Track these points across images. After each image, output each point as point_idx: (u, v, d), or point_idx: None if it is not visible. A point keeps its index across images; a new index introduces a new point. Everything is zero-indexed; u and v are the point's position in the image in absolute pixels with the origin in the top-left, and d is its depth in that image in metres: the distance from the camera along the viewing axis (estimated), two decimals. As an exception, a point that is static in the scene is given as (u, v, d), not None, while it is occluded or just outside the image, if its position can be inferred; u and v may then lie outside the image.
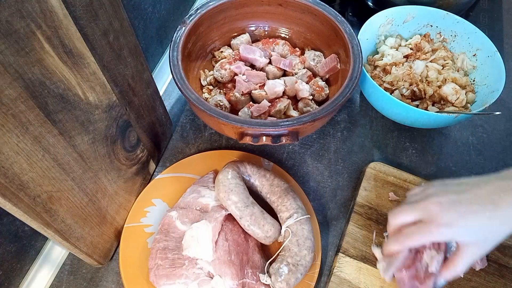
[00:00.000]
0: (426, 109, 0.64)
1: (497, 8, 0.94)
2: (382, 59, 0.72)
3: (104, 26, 0.41)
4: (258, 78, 0.65)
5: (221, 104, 0.62)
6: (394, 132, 0.71)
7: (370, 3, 0.88)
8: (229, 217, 0.54)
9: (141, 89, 0.54)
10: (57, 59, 0.36)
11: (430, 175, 0.66)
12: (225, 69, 0.66)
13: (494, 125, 0.73)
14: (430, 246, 0.51)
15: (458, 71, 0.71)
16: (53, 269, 0.55)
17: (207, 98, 0.66)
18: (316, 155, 0.68)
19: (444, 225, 0.44)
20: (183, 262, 0.51)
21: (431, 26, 0.75)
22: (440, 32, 0.75)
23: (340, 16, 0.66)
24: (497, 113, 0.59)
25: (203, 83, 0.68)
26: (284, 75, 0.69)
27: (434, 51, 0.73)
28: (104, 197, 0.50)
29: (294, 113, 0.64)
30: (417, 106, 0.65)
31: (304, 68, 0.69)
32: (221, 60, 0.68)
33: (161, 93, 0.75)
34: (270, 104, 0.62)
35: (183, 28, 0.62)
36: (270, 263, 0.52)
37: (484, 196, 0.45)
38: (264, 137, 0.53)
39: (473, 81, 0.69)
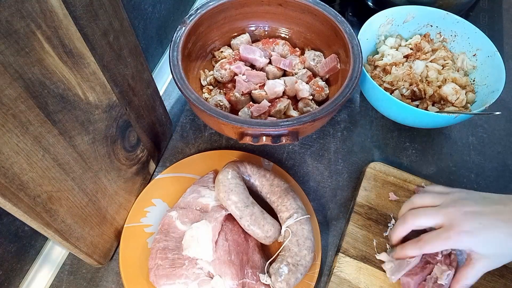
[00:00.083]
0: (426, 109, 0.64)
1: (497, 8, 0.94)
2: (382, 59, 0.71)
3: (104, 26, 0.41)
4: (258, 78, 0.65)
5: (221, 104, 0.62)
6: (394, 132, 0.71)
7: (370, 3, 0.88)
8: (229, 217, 0.54)
9: (141, 89, 0.54)
10: (57, 59, 0.36)
11: (430, 175, 0.66)
12: (225, 69, 0.66)
13: (494, 125, 0.73)
14: (441, 261, 0.51)
15: (458, 71, 0.71)
16: (53, 269, 0.55)
17: (207, 98, 0.66)
18: (316, 155, 0.68)
19: (465, 233, 0.44)
20: (183, 262, 0.51)
21: (431, 26, 0.75)
22: (440, 32, 0.75)
23: (340, 16, 0.66)
24: (497, 113, 0.59)
25: (203, 83, 0.68)
26: (284, 75, 0.69)
27: (434, 51, 0.73)
28: (104, 197, 0.50)
29: (294, 113, 0.64)
30: (417, 106, 0.65)
31: (304, 68, 0.69)
32: (221, 60, 0.68)
33: (161, 93, 0.75)
34: (270, 104, 0.62)
35: (183, 28, 0.62)
36: (270, 263, 0.52)
37: (508, 213, 0.45)
38: (264, 137, 0.53)
39: (473, 81, 0.69)
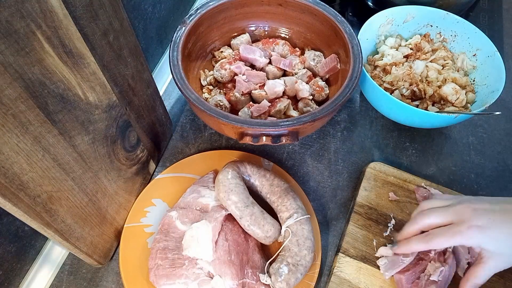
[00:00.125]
0: (426, 109, 0.64)
1: (497, 8, 0.94)
2: (382, 59, 0.71)
3: (104, 26, 0.41)
4: (258, 78, 0.65)
5: (221, 104, 0.62)
6: (394, 132, 0.71)
7: (370, 3, 0.88)
8: (229, 217, 0.54)
9: (141, 89, 0.54)
10: (57, 59, 0.36)
11: (430, 175, 0.66)
12: (225, 69, 0.66)
13: (494, 125, 0.73)
14: (435, 258, 0.51)
15: (458, 71, 0.71)
16: (53, 269, 0.55)
17: (207, 98, 0.66)
18: (316, 155, 0.68)
19: (476, 228, 0.44)
20: (183, 262, 0.51)
21: (431, 26, 0.75)
22: (440, 32, 0.75)
23: (340, 16, 0.66)
24: (497, 113, 0.59)
25: (203, 83, 0.68)
26: (284, 75, 0.69)
27: (434, 51, 0.73)
28: (104, 197, 0.50)
29: (294, 113, 0.64)
30: (417, 106, 0.65)
31: (304, 68, 0.69)
32: (221, 60, 0.68)
33: (161, 93, 0.75)
34: (270, 104, 0.62)
35: (183, 28, 0.62)
36: (270, 263, 0.52)
37: None
38: (264, 137, 0.53)
39: (473, 81, 0.69)
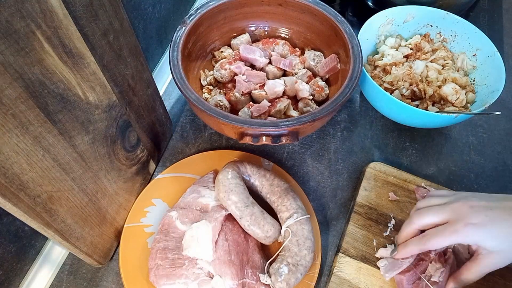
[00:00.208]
0: (426, 109, 0.64)
1: (497, 8, 0.94)
2: (382, 59, 0.71)
3: (104, 26, 0.41)
4: (258, 78, 0.65)
5: (221, 104, 0.62)
6: (394, 132, 0.71)
7: (370, 3, 0.88)
8: (229, 217, 0.54)
9: (141, 89, 0.54)
10: (57, 59, 0.36)
11: (430, 175, 0.66)
12: (225, 69, 0.66)
13: (494, 125, 0.73)
14: (436, 259, 0.51)
15: (458, 71, 0.71)
16: (53, 269, 0.55)
17: (207, 98, 0.66)
18: (316, 155, 0.68)
19: (472, 225, 0.43)
20: (183, 262, 0.51)
21: (431, 26, 0.75)
22: (440, 32, 0.75)
23: (340, 16, 0.66)
24: (497, 113, 0.59)
25: (203, 83, 0.68)
26: (284, 75, 0.69)
27: (434, 51, 0.73)
28: (104, 197, 0.50)
29: (294, 113, 0.64)
30: (417, 106, 0.65)
31: (304, 68, 0.69)
32: (221, 60, 0.68)
33: (161, 93, 0.75)
34: (270, 104, 0.62)
35: (183, 28, 0.62)
36: (270, 263, 0.52)
37: None
38: (264, 137, 0.53)
39: (473, 81, 0.69)
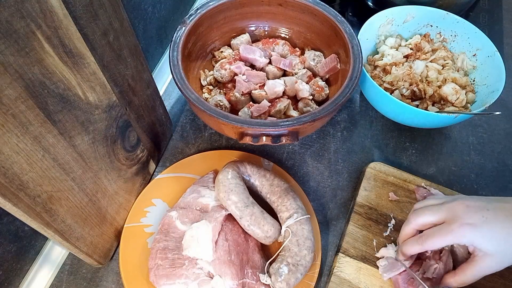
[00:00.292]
0: (426, 109, 0.64)
1: (497, 8, 0.94)
2: (382, 59, 0.71)
3: (104, 26, 0.41)
4: (258, 78, 0.65)
5: (221, 104, 0.62)
6: (394, 132, 0.71)
7: (370, 3, 0.88)
8: (229, 217, 0.54)
9: (141, 89, 0.54)
10: (57, 59, 0.36)
11: (430, 175, 0.66)
12: (225, 69, 0.66)
13: (494, 125, 0.73)
14: (430, 257, 0.51)
15: (458, 71, 0.71)
16: (53, 269, 0.55)
17: (207, 98, 0.66)
18: (316, 155, 0.68)
19: (468, 225, 0.43)
20: (183, 262, 0.51)
21: (431, 26, 0.75)
22: (440, 32, 0.75)
23: (340, 16, 0.66)
24: (497, 113, 0.59)
25: (203, 83, 0.68)
26: (284, 75, 0.69)
27: (434, 51, 0.73)
28: (104, 197, 0.50)
29: (294, 113, 0.64)
30: (417, 106, 0.65)
31: (304, 68, 0.69)
32: (221, 60, 0.68)
33: (161, 93, 0.75)
34: (270, 104, 0.62)
35: (183, 28, 0.62)
36: (270, 263, 0.52)
37: (511, 209, 0.43)
38: (264, 137, 0.53)
39: (473, 81, 0.69)
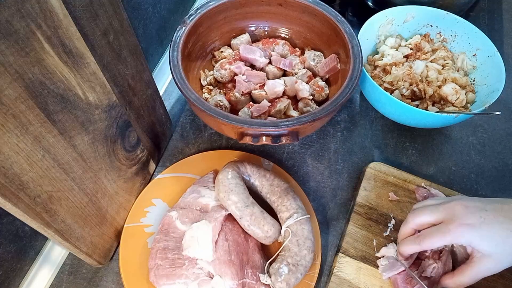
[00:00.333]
0: (426, 109, 0.64)
1: (497, 8, 0.94)
2: (382, 59, 0.71)
3: (104, 26, 0.41)
4: (258, 78, 0.65)
5: (221, 104, 0.62)
6: (394, 132, 0.71)
7: (370, 3, 0.88)
8: (229, 217, 0.54)
9: (141, 89, 0.54)
10: (57, 59, 0.36)
11: (430, 175, 0.66)
12: (225, 69, 0.66)
13: (494, 125, 0.73)
14: (429, 256, 0.51)
15: (458, 71, 0.71)
16: (53, 269, 0.55)
17: (207, 98, 0.66)
18: (316, 155, 0.68)
19: (466, 226, 0.43)
20: (183, 262, 0.51)
21: (431, 26, 0.75)
22: (440, 32, 0.75)
23: (340, 16, 0.66)
24: (497, 113, 0.59)
25: (203, 83, 0.68)
26: (284, 75, 0.69)
27: (434, 51, 0.73)
28: (104, 197, 0.50)
29: (294, 113, 0.64)
30: (417, 106, 0.65)
31: (304, 68, 0.69)
32: (221, 60, 0.68)
33: (161, 93, 0.75)
34: (270, 104, 0.62)
35: (183, 28, 0.62)
36: (270, 263, 0.52)
37: (509, 210, 0.43)
38: (264, 137, 0.53)
39: (473, 81, 0.69)
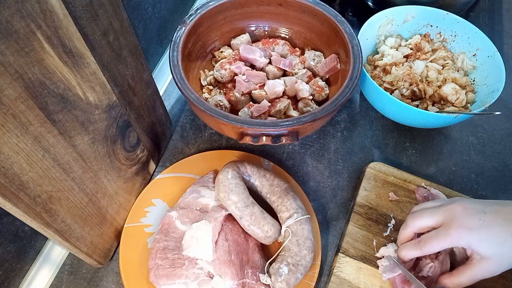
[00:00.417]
0: (426, 109, 0.64)
1: (497, 8, 0.94)
2: (382, 59, 0.71)
3: (104, 26, 0.41)
4: (258, 78, 0.65)
5: (221, 104, 0.62)
6: (394, 132, 0.71)
7: (370, 3, 0.88)
8: (229, 217, 0.54)
9: (141, 89, 0.54)
10: (57, 59, 0.36)
11: (430, 175, 0.66)
12: (225, 69, 0.66)
13: (494, 125, 0.73)
14: (426, 256, 0.51)
15: (458, 71, 0.71)
16: (53, 269, 0.55)
17: (207, 98, 0.66)
18: (316, 155, 0.68)
19: (465, 228, 0.43)
20: (183, 262, 0.51)
21: (431, 26, 0.75)
22: (440, 32, 0.75)
23: (340, 16, 0.66)
24: (497, 113, 0.59)
25: (203, 83, 0.68)
26: (284, 75, 0.69)
27: (434, 51, 0.73)
28: (104, 197, 0.50)
29: (294, 113, 0.64)
30: (417, 106, 0.65)
31: (304, 68, 0.69)
32: (221, 60, 0.68)
33: (161, 93, 0.75)
34: (270, 104, 0.62)
35: (183, 28, 0.62)
36: (270, 263, 0.52)
37: (509, 212, 0.43)
38: (264, 137, 0.53)
39: (473, 81, 0.69)
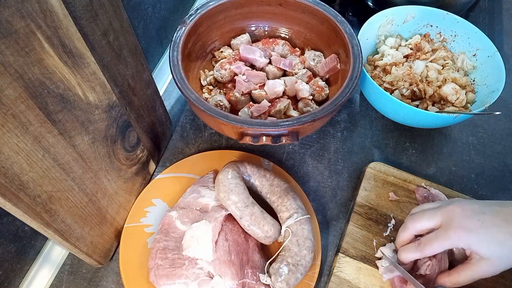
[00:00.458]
0: (426, 109, 0.64)
1: (497, 8, 0.94)
2: (382, 59, 0.71)
3: (104, 26, 0.41)
4: (258, 78, 0.65)
5: (221, 104, 0.62)
6: (394, 132, 0.71)
7: (370, 3, 0.88)
8: (229, 217, 0.54)
9: (141, 89, 0.54)
10: (57, 59, 0.36)
11: (430, 175, 0.66)
12: (225, 69, 0.66)
13: (494, 125, 0.73)
14: None
15: (458, 71, 0.71)
16: (53, 269, 0.55)
17: (207, 98, 0.66)
18: (316, 155, 0.68)
19: (464, 230, 0.43)
20: (183, 262, 0.51)
21: (431, 26, 0.75)
22: (440, 32, 0.75)
23: (340, 16, 0.66)
24: (497, 113, 0.59)
25: (203, 83, 0.68)
26: (284, 75, 0.69)
27: (434, 51, 0.73)
28: (104, 197, 0.50)
29: (294, 113, 0.64)
30: (417, 106, 0.65)
31: (304, 68, 0.69)
32: (221, 60, 0.68)
33: (161, 93, 0.75)
34: (270, 104, 0.62)
35: (183, 28, 0.62)
36: (270, 263, 0.52)
37: (508, 213, 0.43)
38: (264, 137, 0.53)
39: (473, 81, 0.69)
